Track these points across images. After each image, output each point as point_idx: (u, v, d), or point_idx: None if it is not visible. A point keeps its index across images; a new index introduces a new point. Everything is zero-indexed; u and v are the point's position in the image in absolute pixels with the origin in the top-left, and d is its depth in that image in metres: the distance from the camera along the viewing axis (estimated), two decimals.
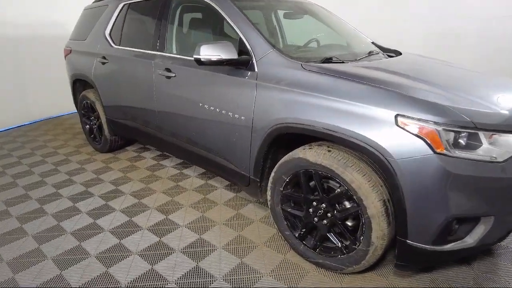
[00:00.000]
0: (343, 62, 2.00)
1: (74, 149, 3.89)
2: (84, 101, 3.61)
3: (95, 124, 3.65)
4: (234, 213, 2.49)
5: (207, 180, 3.02)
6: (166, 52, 2.54)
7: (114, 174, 3.20)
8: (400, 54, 2.56)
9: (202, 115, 2.27)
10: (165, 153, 3.64)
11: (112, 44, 3.09)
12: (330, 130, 1.63)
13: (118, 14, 3.10)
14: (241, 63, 2.00)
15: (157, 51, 2.60)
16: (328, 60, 1.99)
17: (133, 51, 2.83)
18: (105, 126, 3.45)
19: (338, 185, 1.76)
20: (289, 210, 1.97)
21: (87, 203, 2.69)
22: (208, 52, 1.94)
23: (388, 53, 2.53)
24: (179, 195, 2.77)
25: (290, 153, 1.86)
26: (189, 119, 2.39)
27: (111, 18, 3.16)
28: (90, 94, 3.49)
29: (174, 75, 2.41)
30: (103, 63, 3.14)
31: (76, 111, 4.00)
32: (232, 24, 2.11)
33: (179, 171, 3.23)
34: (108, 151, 3.69)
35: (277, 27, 3.64)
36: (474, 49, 4.41)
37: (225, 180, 2.95)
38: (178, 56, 2.43)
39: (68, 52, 3.79)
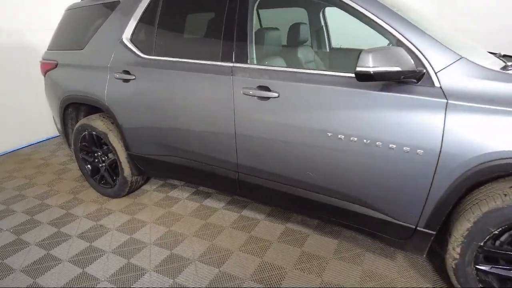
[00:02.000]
0: None
1: (69, 197, 2.87)
2: (85, 132, 2.65)
3: (104, 162, 2.71)
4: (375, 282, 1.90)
5: (284, 223, 2.35)
6: (251, 64, 1.84)
7: (154, 230, 2.35)
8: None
9: (332, 148, 1.64)
10: (209, 191, 2.85)
11: (140, 54, 2.24)
12: None
13: (144, 12, 2.26)
14: (414, 76, 1.43)
15: (234, 62, 1.87)
16: (505, 67, 1.53)
17: (186, 63, 2.04)
18: (124, 165, 2.55)
19: None
20: (489, 269, 1.47)
21: (146, 284, 1.85)
22: (380, 62, 1.34)
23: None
24: (268, 252, 2.07)
25: (504, 196, 1.35)
26: (306, 154, 1.73)
27: (130, 18, 2.30)
28: (97, 123, 2.55)
29: (276, 95, 1.73)
30: (126, 80, 2.27)
31: (40, 140, 2.96)
32: (382, 23, 1.52)
33: (238, 213, 2.50)
34: (124, 195, 2.78)
35: (324, 27, 3.12)
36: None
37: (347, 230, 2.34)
38: (284, 69, 1.75)
39: (51, 66, 2.77)
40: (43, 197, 2.89)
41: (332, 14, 3.16)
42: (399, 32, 1.49)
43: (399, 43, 1.49)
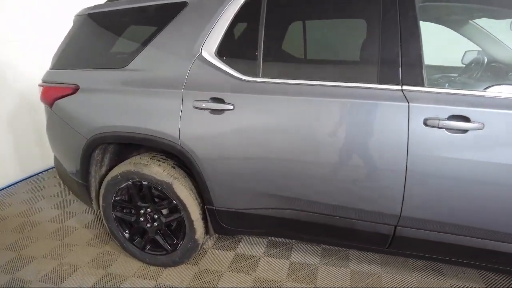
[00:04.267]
0: None
1: (99, 274, 2.02)
2: (129, 182, 1.89)
3: (155, 221, 1.96)
4: None
5: (411, 273, 1.94)
6: (430, 86, 1.41)
7: None
8: None
9: None
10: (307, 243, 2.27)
11: (239, 75, 1.63)
12: None
13: (237, 15, 1.66)
14: None
15: (403, 84, 1.43)
16: None
17: (321, 86, 1.52)
18: (197, 223, 1.87)
19: None
20: None
21: None
22: None
23: None
24: None
25: None
26: None
27: (212, 24, 1.68)
28: (153, 169, 1.82)
29: (479, 126, 1.33)
30: (217, 111, 1.63)
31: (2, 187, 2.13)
32: None
33: (346, 268, 2.01)
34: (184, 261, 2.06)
35: None
36: None
37: None
38: (488, 94, 1.36)
39: (66, 92, 1.94)
40: (57, 279, 2.00)
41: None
42: None
43: None
